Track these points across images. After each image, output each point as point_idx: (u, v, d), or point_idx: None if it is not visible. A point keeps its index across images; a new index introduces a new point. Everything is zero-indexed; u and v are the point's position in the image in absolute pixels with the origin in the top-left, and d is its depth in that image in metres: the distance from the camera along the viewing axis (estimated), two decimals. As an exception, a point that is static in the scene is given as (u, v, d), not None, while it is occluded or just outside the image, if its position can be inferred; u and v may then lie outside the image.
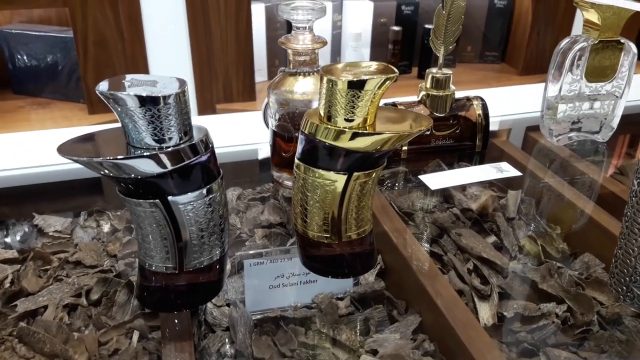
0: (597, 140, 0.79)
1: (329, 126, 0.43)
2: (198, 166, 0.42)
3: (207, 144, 0.42)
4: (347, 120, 0.43)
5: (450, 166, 0.74)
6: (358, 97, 0.42)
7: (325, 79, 0.42)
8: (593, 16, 0.69)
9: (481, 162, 0.75)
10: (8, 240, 0.62)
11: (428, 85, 0.71)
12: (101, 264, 0.57)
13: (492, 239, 0.62)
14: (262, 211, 0.65)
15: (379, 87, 0.42)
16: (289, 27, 0.57)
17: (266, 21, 1.57)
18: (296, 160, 0.47)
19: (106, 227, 0.63)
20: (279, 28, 1.60)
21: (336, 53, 1.71)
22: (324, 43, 0.59)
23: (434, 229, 0.63)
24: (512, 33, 1.86)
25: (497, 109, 0.87)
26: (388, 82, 0.42)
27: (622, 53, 0.71)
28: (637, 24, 1.84)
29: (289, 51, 0.59)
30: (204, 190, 0.42)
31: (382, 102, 0.74)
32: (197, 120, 0.96)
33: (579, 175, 0.74)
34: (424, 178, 0.66)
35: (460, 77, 1.76)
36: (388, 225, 0.60)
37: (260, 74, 1.64)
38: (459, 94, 0.76)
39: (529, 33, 1.77)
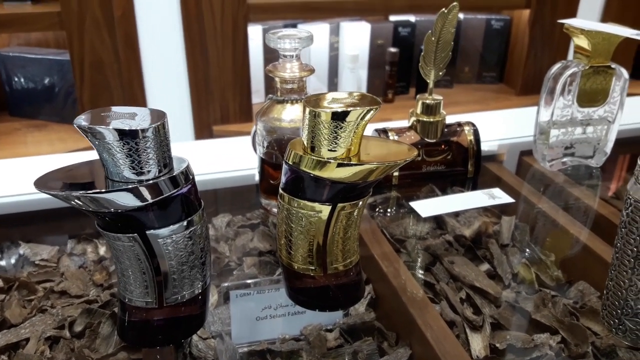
0: (591, 165, 0.79)
1: (313, 157, 0.43)
2: (178, 198, 0.41)
3: (187, 175, 0.42)
4: (330, 150, 0.42)
5: (444, 192, 0.73)
6: (341, 128, 0.41)
7: (307, 110, 0.42)
8: (583, 42, 0.69)
9: (474, 188, 0.74)
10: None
11: (419, 111, 0.70)
12: (87, 293, 0.56)
13: (485, 266, 0.61)
14: (252, 238, 0.64)
15: (362, 118, 0.41)
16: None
17: (264, 43, 1.58)
18: (280, 191, 0.46)
19: (93, 256, 0.62)
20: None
21: (333, 75, 1.71)
22: (312, 71, 0.59)
23: (426, 257, 0.62)
24: (509, 53, 1.86)
25: (491, 133, 0.86)
26: (371, 112, 0.41)
27: (614, 78, 0.71)
28: (632, 49, 1.85)
29: (277, 79, 0.59)
30: (185, 223, 0.42)
31: (375, 126, 0.74)
32: (189, 146, 0.96)
33: (574, 200, 0.73)
34: (415, 205, 0.65)
35: (459, 97, 1.76)
36: (379, 252, 0.59)
37: (258, 95, 1.64)
38: (453, 117, 0.75)
39: (526, 53, 1.77)
